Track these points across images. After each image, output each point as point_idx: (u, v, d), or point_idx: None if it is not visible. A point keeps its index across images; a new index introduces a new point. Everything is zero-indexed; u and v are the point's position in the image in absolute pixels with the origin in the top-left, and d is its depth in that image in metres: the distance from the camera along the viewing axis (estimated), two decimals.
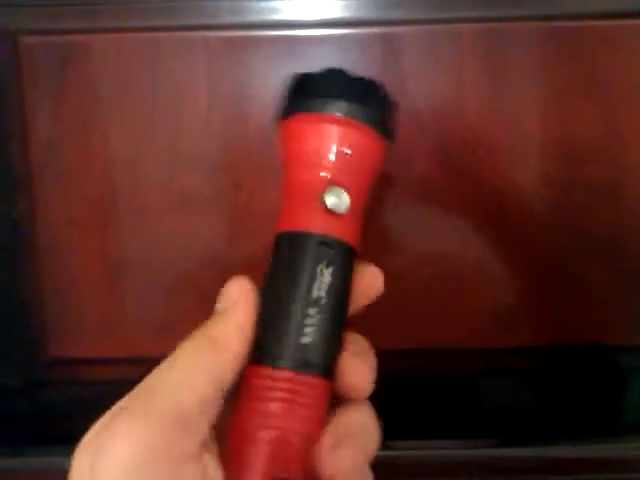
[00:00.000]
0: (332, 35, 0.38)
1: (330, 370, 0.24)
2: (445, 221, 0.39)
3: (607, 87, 0.38)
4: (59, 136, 0.39)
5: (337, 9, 0.37)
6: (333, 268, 0.24)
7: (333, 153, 0.25)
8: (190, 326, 0.24)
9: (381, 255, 0.39)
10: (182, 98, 0.39)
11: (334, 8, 0.37)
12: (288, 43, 0.38)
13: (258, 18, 0.38)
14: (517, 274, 0.40)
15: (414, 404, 0.40)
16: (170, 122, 0.39)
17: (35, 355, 0.41)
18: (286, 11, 0.38)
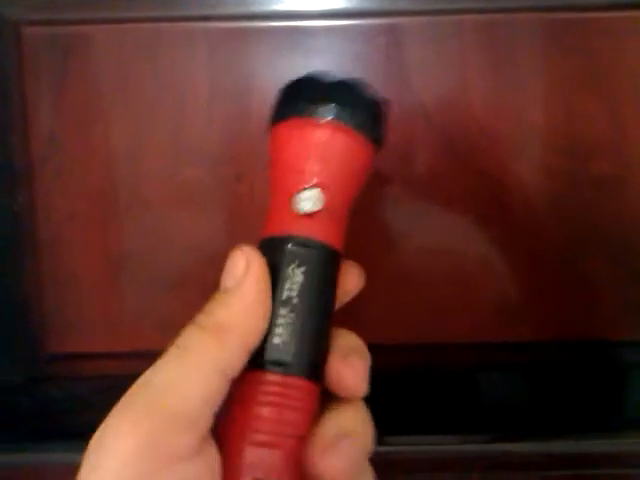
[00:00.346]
0: (335, 26, 0.38)
1: (311, 370, 0.24)
2: (448, 214, 0.39)
3: (611, 79, 0.38)
4: (60, 129, 0.39)
5: (340, 0, 0.37)
6: (305, 267, 0.24)
7: (304, 156, 0.25)
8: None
9: (383, 248, 0.39)
10: (183, 89, 0.38)
11: None
12: (290, 34, 0.38)
13: (260, 9, 0.37)
14: (519, 268, 0.40)
15: (413, 399, 0.40)
16: (171, 114, 0.38)
17: (35, 350, 0.41)
18: (288, 2, 0.37)
